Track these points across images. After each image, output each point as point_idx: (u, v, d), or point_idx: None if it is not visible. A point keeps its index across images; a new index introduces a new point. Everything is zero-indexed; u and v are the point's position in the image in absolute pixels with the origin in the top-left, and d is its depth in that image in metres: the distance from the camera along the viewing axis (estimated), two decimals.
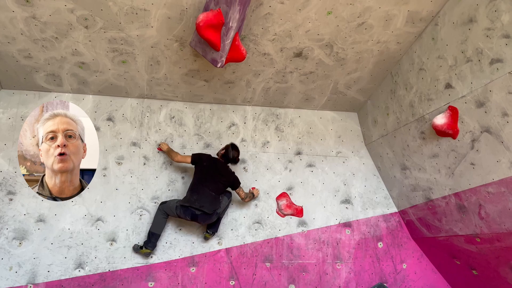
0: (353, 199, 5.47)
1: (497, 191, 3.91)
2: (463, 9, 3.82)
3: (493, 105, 3.67)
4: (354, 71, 4.92)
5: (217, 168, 4.63)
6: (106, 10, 3.83)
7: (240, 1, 3.54)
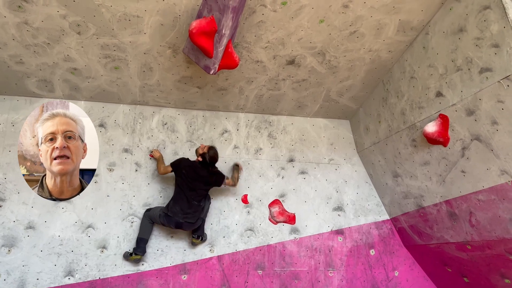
0: (345, 206, 5.48)
1: (487, 199, 3.95)
2: (453, 19, 3.87)
3: (483, 114, 3.71)
4: (346, 79, 4.96)
5: (197, 174, 4.58)
6: (99, 17, 3.83)
7: (233, 8, 3.56)
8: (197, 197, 4.60)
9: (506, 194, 3.75)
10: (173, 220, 4.48)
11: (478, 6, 3.59)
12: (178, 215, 4.47)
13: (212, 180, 4.69)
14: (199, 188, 4.59)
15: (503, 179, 3.72)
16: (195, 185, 4.56)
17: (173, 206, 4.51)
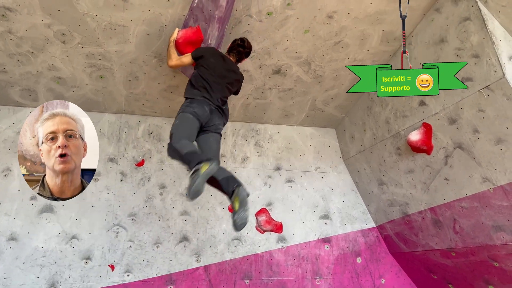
0: (332, 214, 5.51)
1: (470, 206, 4.01)
2: (434, 29, 3.96)
3: (465, 122, 3.79)
4: (332, 88, 5.01)
5: (226, 63, 3.69)
6: (84, 26, 3.81)
7: (218, 19, 3.59)
8: (225, 96, 3.70)
9: (488, 201, 3.82)
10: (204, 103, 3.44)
11: (458, 18, 3.68)
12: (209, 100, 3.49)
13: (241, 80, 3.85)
14: (229, 84, 3.71)
15: (485, 186, 3.80)
16: (225, 78, 3.64)
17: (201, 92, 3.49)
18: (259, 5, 3.79)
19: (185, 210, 4.99)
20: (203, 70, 3.57)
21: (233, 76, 3.73)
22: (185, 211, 4.98)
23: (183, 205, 5.01)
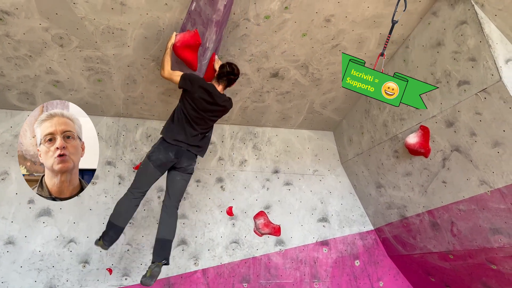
0: (330, 217, 5.51)
1: (468, 209, 4.02)
2: (431, 33, 3.98)
3: (462, 125, 3.80)
4: (329, 91, 5.02)
5: (212, 98, 3.65)
6: (82, 29, 3.82)
7: (216, 22, 3.60)
8: (206, 127, 3.80)
9: (485, 204, 3.82)
10: (173, 148, 3.65)
11: (455, 21, 3.70)
12: (183, 144, 3.66)
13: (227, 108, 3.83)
14: (212, 116, 3.75)
15: (483, 189, 3.81)
16: (208, 112, 3.69)
17: (176, 133, 3.66)
18: (256, 9, 3.80)
19: (183, 213, 4.98)
20: (187, 105, 3.68)
21: (218, 109, 3.76)
22: (183, 214, 4.98)
23: (181, 208, 4.99)
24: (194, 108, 3.66)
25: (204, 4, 3.56)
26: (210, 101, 3.66)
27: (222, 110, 3.81)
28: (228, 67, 3.72)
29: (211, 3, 3.49)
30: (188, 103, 3.67)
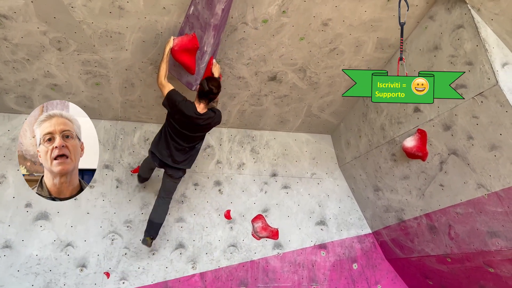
0: (328, 220, 5.51)
1: (465, 212, 4.03)
2: (428, 37, 4.00)
3: (459, 129, 3.82)
4: (327, 94, 5.04)
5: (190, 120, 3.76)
6: (80, 33, 3.82)
7: (214, 26, 3.61)
8: (191, 141, 3.95)
9: (482, 207, 3.84)
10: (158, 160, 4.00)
11: (452, 25, 3.72)
12: (166, 158, 3.96)
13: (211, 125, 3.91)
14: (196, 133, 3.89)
15: (480, 192, 3.82)
16: (191, 130, 3.84)
17: (162, 149, 3.94)
18: (254, 13, 3.82)
19: (181, 217, 4.98)
20: (170, 123, 3.86)
21: (201, 127, 3.85)
22: (181, 218, 4.97)
23: (179, 211, 5.00)
24: (176, 127, 3.82)
25: (202, 8, 3.58)
26: (191, 122, 3.78)
27: (207, 126, 3.90)
28: (207, 85, 3.65)
29: (209, 7, 3.51)
30: (171, 121, 3.84)
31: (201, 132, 3.96)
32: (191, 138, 3.93)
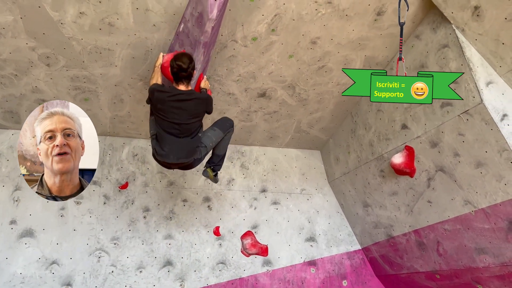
0: (317, 236, 5.49)
1: (453, 228, 4.05)
2: (415, 55, 4.07)
3: (446, 146, 3.86)
4: (316, 111, 5.08)
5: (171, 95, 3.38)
6: (69, 49, 3.82)
7: (204, 44, 3.63)
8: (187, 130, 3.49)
9: (470, 224, 3.86)
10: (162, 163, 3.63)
11: (437, 45, 3.80)
12: (169, 157, 3.50)
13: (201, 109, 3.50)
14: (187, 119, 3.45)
15: (467, 209, 3.85)
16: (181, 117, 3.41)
17: (160, 147, 3.52)
18: (244, 31, 3.86)
19: (169, 233, 4.92)
20: (157, 118, 3.49)
21: (190, 104, 3.43)
22: (169, 234, 4.92)
23: (167, 228, 4.94)
24: (163, 117, 3.42)
25: (192, 25, 3.60)
26: (175, 105, 3.37)
27: (196, 107, 3.44)
28: (175, 63, 3.31)
29: (199, 25, 3.53)
30: (157, 115, 3.48)
31: (193, 117, 3.47)
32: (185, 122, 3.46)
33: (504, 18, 3.28)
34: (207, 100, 3.54)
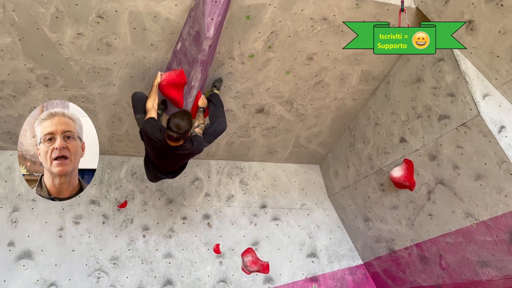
0: (318, 252, 5.44)
1: (455, 241, 4.03)
2: (411, 69, 4.11)
3: (445, 158, 3.86)
4: (314, 125, 5.09)
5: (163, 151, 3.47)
6: (67, 69, 3.84)
7: (201, 62, 3.66)
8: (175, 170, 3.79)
9: (472, 237, 3.84)
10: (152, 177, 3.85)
11: (433, 58, 3.84)
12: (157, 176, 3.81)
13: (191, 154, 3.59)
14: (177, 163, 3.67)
15: (468, 221, 3.83)
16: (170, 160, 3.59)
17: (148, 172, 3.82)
18: (241, 48, 3.89)
19: (169, 252, 4.87)
20: (149, 152, 3.66)
21: (179, 156, 3.53)
22: (169, 253, 4.86)
23: (167, 247, 4.89)
24: (155, 156, 3.61)
25: (190, 44, 3.63)
26: (164, 154, 3.49)
27: (186, 153, 3.51)
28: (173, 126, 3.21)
29: (197, 43, 3.56)
30: (149, 151, 3.65)
31: (181, 160, 3.64)
32: (172, 169, 3.74)
33: (497, 31, 3.32)
34: (198, 149, 3.53)
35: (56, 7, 3.34)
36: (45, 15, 3.38)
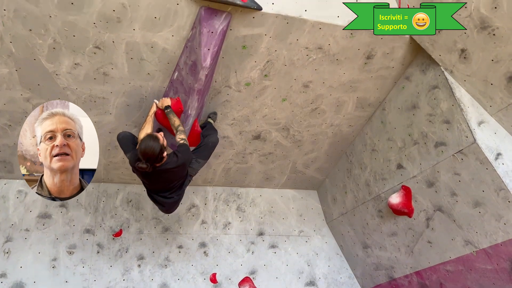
0: (317, 280, 5.34)
1: (455, 269, 3.97)
2: (406, 96, 4.14)
3: (442, 185, 3.85)
4: (311, 151, 5.08)
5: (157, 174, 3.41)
6: (64, 99, 3.84)
7: (198, 91, 3.67)
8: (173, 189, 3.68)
9: (472, 265, 3.78)
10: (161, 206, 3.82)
11: (427, 86, 3.87)
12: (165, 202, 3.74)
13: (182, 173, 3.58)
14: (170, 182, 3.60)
15: (468, 249, 3.78)
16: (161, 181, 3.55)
17: (157, 203, 3.80)
18: (237, 77, 3.92)
19: (165, 282, 4.77)
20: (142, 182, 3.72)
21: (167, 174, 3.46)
22: (165, 283, 4.76)
23: (162, 276, 4.79)
24: (148, 182, 3.60)
25: (186, 73, 3.66)
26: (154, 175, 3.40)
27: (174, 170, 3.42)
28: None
29: (193, 72, 3.59)
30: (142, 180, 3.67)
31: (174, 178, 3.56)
32: (170, 187, 3.62)
33: (490, 60, 3.36)
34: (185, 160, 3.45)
35: (53, 39, 3.37)
36: (43, 46, 3.41)
